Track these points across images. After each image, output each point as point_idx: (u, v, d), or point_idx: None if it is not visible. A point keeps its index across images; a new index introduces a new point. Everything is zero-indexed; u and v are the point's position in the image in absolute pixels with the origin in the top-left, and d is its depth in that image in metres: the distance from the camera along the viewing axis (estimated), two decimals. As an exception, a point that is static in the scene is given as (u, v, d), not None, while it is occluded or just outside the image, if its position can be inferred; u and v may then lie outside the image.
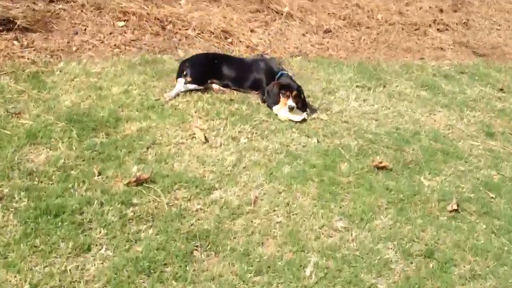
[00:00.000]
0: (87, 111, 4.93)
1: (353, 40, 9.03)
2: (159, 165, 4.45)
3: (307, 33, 8.73)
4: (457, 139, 6.27)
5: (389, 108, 6.65)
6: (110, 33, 6.72)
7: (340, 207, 4.51)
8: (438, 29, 10.54)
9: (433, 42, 9.91)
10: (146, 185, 4.15)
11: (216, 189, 4.35)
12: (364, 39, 9.13)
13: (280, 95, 5.62)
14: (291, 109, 5.54)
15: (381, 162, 5.22)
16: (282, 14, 8.88)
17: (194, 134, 4.96)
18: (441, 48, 9.71)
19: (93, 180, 4.08)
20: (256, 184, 4.51)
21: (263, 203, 4.33)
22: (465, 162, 5.79)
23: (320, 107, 6.21)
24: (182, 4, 8.14)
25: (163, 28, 7.17)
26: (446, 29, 10.72)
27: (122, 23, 6.96)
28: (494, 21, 12.01)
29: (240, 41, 7.40)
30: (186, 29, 7.31)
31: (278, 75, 5.94)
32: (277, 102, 5.65)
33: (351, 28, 9.44)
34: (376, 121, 6.19)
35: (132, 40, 6.72)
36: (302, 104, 5.77)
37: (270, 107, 5.72)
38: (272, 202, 4.37)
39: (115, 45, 6.49)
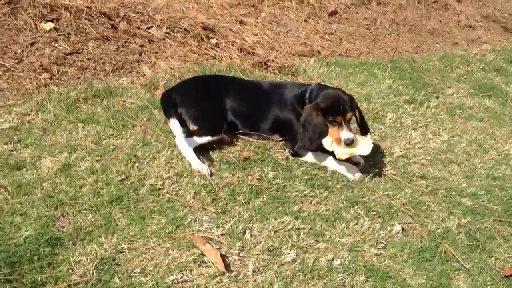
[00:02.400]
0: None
1: (367, 24, 6.74)
2: None
3: (309, 17, 6.35)
4: None
5: (462, 138, 4.47)
6: (31, 44, 4.13)
7: None
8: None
9: (458, 18, 7.73)
10: None
11: None
12: (381, 21, 6.82)
13: (328, 124, 3.41)
14: (349, 143, 3.33)
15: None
16: (272, -8, 6.43)
17: (203, 255, 2.60)
18: (470, 27, 7.58)
19: None
20: None
21: None
22: None
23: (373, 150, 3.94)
24: (136, -15, 5.54)
25: (114, 28, 4.62)
26: (465, -2, 8.55)
27: (49, 25, 4.37)
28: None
29: (230, 42, 4.94)
30: (148, 28, 4.77)
31: (307, 92, 3.62)
32: (323, 136, 3.41)
33: (360, 7, 7.10)
34: (460, 168, 4.02)
35: (67, 55, 4.16)
36: (361, 125, 3.63)
37: (315, 149, 3.46)
38: None
39: (40, 66, 3.94)
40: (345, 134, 3.38)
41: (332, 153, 3.49)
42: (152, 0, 5.18)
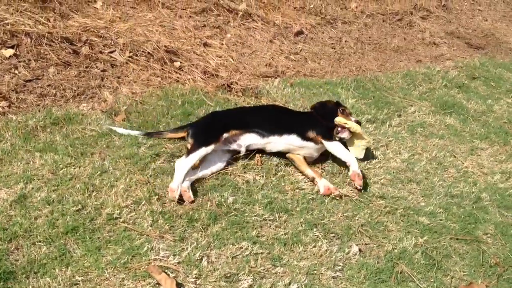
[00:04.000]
0: None
1: (332, 43, 6.84)
2: None
3: (274, 38, 6.42)
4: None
5: (422, 156, 4.55)
6: (-10, 72, 4.12)
7: None
8: (421, 17, 8.54)
9: (422, 36, 7.91)
10: None
11: None
12: (346, 40, 6.94)
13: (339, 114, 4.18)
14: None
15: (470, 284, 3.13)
16: (237, 14, 6.50)
17: (159, 285, 2.61)
18: (434, 43, 7.75)
19: None
20: None
21: None
22: None
23: (332, 167, 4.03)
24: (99, 9, 5.56)
25: (76, 53, 4.62)
26: (429, 16, 8.74)
27: (9, 52, 4.36)
28: (473, 1, 10.22)
29: (194, 65, 4.98)
30: (111, 52, 4.78)
31: None
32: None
33: (325, 26, 7.22)
34: (419, 187, 4.09)
35: (27, 81, 4.15)
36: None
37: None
38: None
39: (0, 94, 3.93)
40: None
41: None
42: (115, 24, 5.19)
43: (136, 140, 3.66)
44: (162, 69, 4.86)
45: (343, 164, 4.00)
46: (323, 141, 3.87)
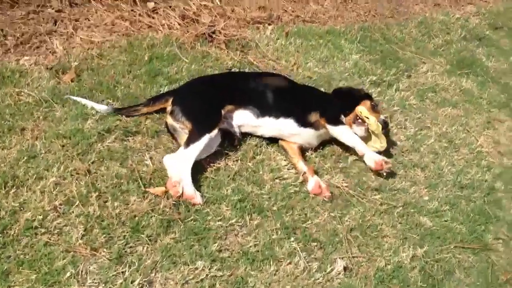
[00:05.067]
0: None
1: (339, -21, 5.89)
2: None
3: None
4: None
5: (431, 131, 3.90)
6: None
7: None
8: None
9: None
10: None
11: None
12: (354, -23, 6.00)
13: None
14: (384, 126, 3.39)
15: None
16: None
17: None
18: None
19: None
20: None
21: None
22: None
23: (323, 149, 3.41)
24: None
25: (28, -14, 3.82)
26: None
27: None
28: None
29: (171, 7, 4.19)
30: (71, -13, 3.98)
31: None
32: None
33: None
34: (424, 174, 3.48)
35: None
36: None
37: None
38: None
39: None
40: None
41: None
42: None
43: (83, 110, 2.97)
44: (132, 10, 4.08)
45: (342, 145, 3.35)
46: (328, 126, 3.20)
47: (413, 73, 4.65)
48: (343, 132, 3.18)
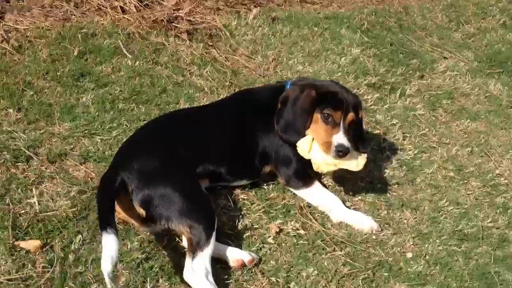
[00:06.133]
0: None
1: None
2: None
3: None
4: None
5: (436, 153, 3.19)
6: None
7: None
8: None
9: None
10: None
11: None
12: None
13: (319, 118, 2.53)
14: (341, 154, 2.47)
15: None
16: None
17: None
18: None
19: None
20: None
21: None
22: None
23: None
24: None
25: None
26: None
27: None
28: None
29: None
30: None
31: (288, 84, 2.74)
32: (304, 129, 2.54)
33: None
34: (413, 215, 2.79)
35: None
36: (359, 136, 2.73)
37: (287, 139, 2.58)
38: None
39: None
40: (340, 138, 2.49)
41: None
42: None
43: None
44: (81, -12, 3.38)
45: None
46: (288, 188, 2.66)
47: (427, 72, 3.80)
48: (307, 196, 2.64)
